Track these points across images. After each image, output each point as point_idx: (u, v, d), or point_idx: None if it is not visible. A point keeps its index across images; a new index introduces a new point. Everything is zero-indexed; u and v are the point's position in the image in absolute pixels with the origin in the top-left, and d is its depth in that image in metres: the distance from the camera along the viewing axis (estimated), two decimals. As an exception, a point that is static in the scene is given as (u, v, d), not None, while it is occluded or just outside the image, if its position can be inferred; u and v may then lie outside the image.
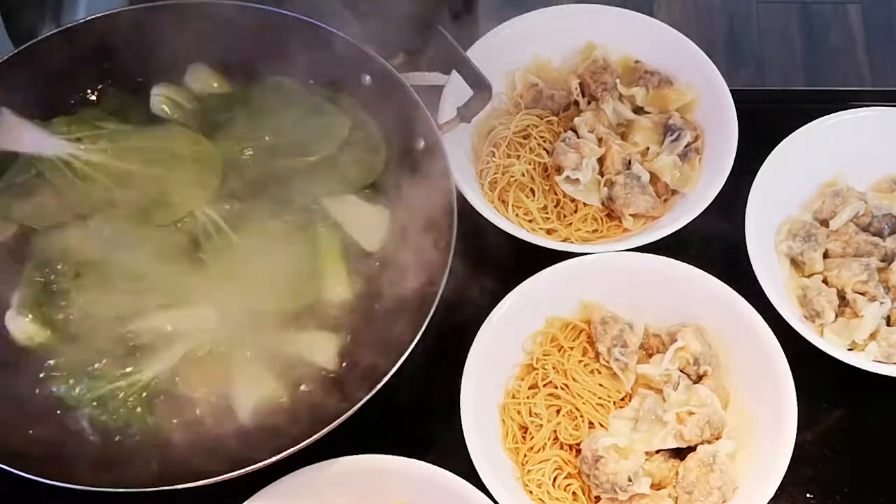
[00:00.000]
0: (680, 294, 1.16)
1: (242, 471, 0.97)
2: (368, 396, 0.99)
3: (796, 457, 1.08)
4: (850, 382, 1.15)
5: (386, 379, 1.00)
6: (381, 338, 1.08)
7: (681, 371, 1.13)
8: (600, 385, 1.14)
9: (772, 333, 1.10)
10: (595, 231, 1.26)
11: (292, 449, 0.98)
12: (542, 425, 1.12)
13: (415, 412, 1.16)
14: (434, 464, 1.04)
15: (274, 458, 0.97)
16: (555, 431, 1.12)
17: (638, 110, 1.33)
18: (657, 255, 1.16)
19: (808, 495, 1.12)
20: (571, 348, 1.16)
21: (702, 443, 1.08)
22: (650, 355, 1.16)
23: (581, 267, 1.16)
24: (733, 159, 1.22)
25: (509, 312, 1.13)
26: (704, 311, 1.15)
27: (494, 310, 1.13)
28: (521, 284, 1.14)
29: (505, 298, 1.14)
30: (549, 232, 1.26)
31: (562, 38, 1.36)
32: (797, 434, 1.05)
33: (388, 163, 1.18)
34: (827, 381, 1.16)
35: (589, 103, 1.34)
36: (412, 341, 1.01)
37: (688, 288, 1.15)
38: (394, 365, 1.00)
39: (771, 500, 1.06)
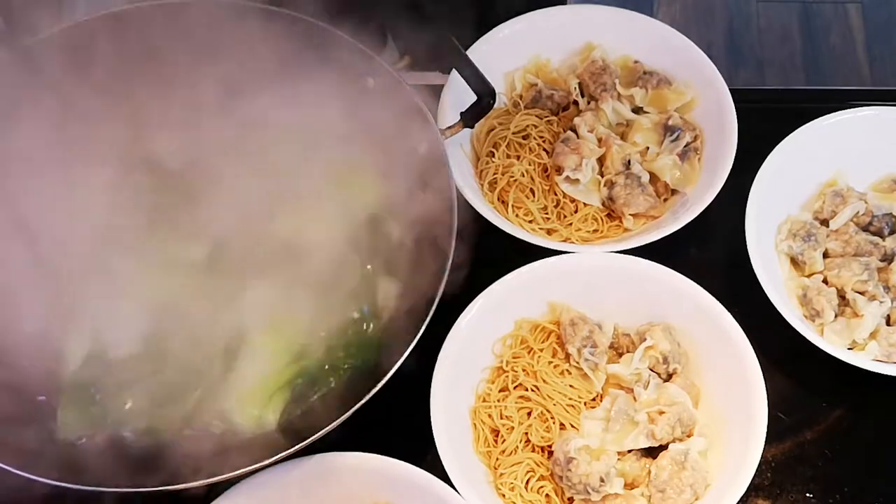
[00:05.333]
0: (648, 293, 1.15)
1: (230, 475, 0.97)
2: (371, 394, 0.99)
3: (796, 457, 1.08)
4: (850, 382, 1.14)
5: (387, 378, 0.99)
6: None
7: (651, 370, 1.12)
8: (571, 386, 1.13)
9: (740, 329, 1.10)
10: (595, 231, 1.26)
11: (291, 449, 0.97)
12: (513, 428, 1.11)
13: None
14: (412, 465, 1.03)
15: (271, 459, 0.97)
16: (526, 434, 1.11)
17: (637, 110, 1.33)
18: (624, 255, 1.15)
19: (807, 495, 1.12)
20: (541, 350, 1.15)
21: (673, 441, 1.08)
22: (620, 355, 1.15)
23: (546, 269, 1.15)
24: (733, 159, 1.22)
25: (477, 316, 1.12)
26: (673, 310, 1.14)
27: (461, 315, 1.11)
28: (488, 289, 1.13)
29: (472, 303, 1.12)
30: (549, 232, 1.26)
31: (561, 38, 1.36)
32: (797, 434, 1.05)
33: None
34: (827, 381, 1.16)
35: (588, 103, 1.33)
36: (411, 342, 1.01)
37: (656, 286, 1.14)
38: (392, 366, 1.00)
39: (771, 499, 1.06)
